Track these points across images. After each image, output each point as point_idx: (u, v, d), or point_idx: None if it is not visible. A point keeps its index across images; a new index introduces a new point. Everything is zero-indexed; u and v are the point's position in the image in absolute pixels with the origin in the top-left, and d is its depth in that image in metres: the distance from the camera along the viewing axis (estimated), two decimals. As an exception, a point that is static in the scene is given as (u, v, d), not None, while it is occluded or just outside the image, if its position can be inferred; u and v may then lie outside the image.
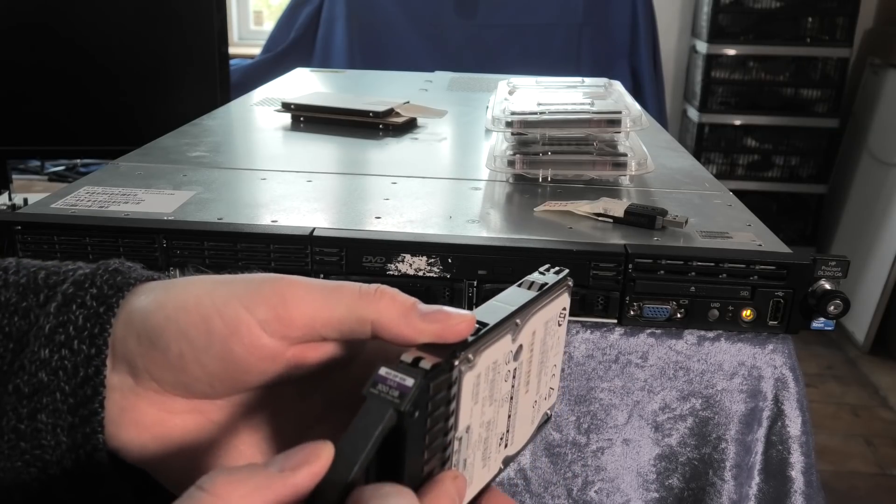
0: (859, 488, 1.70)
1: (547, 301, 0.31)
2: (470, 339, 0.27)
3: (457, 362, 0.26)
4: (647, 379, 0.60)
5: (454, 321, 0.27)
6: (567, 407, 0.61)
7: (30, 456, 0.28)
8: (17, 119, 1.30)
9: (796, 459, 0.60)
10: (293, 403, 0.32)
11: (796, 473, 0.60)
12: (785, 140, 2.59)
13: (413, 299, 0.29)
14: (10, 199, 1.30)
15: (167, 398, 0.29)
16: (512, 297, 0.30)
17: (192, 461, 0.30)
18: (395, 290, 0.29)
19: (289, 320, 0.28)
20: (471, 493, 0.28)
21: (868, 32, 2.63)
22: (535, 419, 0.33)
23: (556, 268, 0.33)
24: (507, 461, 0.31)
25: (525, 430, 0.32)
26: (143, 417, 0.29)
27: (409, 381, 0.24)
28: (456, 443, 0.26)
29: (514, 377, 0.30)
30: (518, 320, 0.29)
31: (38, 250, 0.61)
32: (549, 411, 0.34)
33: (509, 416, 0.30)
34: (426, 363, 0.25)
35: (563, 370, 0.60)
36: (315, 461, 0.24)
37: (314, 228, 0.60)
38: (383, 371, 0.24)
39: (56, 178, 1.63)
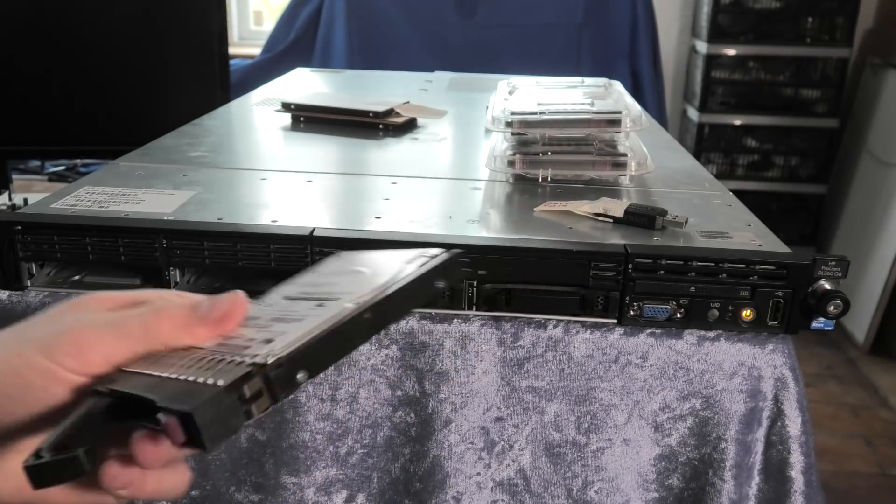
0: (859, 488, 1.70)
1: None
2: None
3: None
4: (647, 379, 0.60)
5: (228, 318, 0.34)
6: (567, 407, 0.61)
7: None
8: (17, 119, 1.30)
9: (796, 459, 0.60)
10: None
11: (796, 473, 0.60)
12: (785, 140, 2.59)
13: (189, 306, 0.34)
14: (10, 199, 1.30)
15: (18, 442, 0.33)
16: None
17: None
18: (171, 305, 0.34)
19: (90, 364, 0.32)
20: (313, 324, 0.33)
21: (868, 32, 2.63)
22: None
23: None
24: (354, 301, 0.34)
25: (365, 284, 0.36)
26: (7, 468, 0.33)
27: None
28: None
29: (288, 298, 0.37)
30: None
31: (38, 250, 0.61)
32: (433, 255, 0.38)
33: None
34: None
35: (562, 370, 0.60)
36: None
37: (314, 228, 0.60)
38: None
39: (56, 178, 1.63)
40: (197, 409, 0.28)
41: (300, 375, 0.31)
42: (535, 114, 0.77)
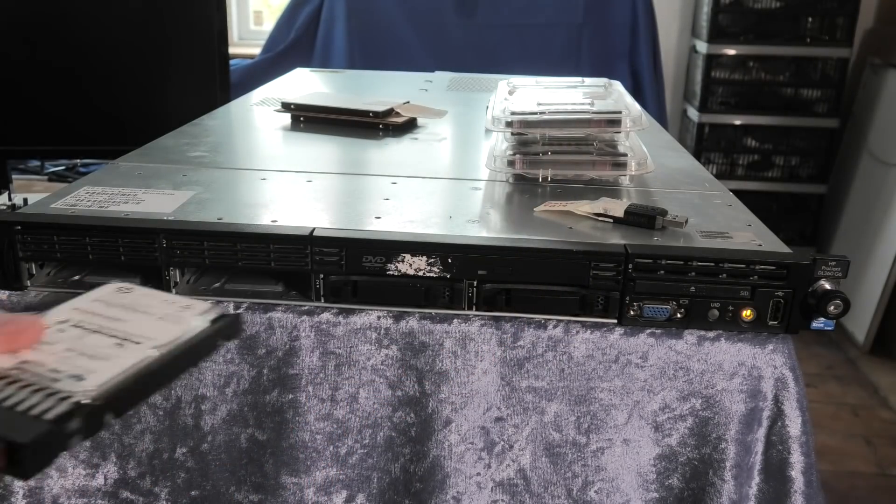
0: (859, 488, 1.70)
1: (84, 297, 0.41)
2: None
3: None
4: (647, 379, 0.60)
5: (20, 337, 0.34)
6: (567, 407, 0.61)
7: None
8: (18, 119, 1.30)
9: (796, 459, 0.60)
10: None
11: (796, 473, 0.60)
12: (785, 140, 2.59)
13: None
14: (10, 199, 1.30)
15: None
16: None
17: None
18: None
19: None
20: (118, 367, 0.34)
21: (868, 32, 2.63)
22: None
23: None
24: (157, 348, 0.36)
25: (161, 329, 0.38)
26: None
27: None
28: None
29: (76, 326, 0.38)
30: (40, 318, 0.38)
31: (38, 250, 0.61)
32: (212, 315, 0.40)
33: (115, 336, 0.37)
34: None
35: (562, 370, 0.60)
36: None
37: (314, 228, 0.60)
38: None
39: (56, 178, 1.63)
40: (31, 442, 0.29)
41: (109, 416, 0.33)
42: (535, 114, 0.77)
